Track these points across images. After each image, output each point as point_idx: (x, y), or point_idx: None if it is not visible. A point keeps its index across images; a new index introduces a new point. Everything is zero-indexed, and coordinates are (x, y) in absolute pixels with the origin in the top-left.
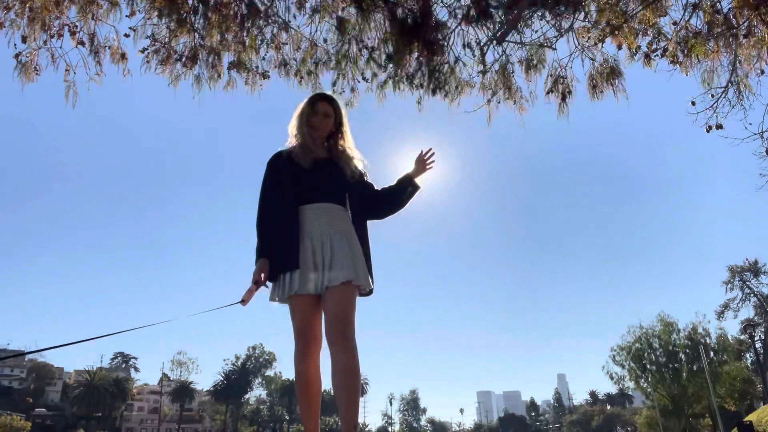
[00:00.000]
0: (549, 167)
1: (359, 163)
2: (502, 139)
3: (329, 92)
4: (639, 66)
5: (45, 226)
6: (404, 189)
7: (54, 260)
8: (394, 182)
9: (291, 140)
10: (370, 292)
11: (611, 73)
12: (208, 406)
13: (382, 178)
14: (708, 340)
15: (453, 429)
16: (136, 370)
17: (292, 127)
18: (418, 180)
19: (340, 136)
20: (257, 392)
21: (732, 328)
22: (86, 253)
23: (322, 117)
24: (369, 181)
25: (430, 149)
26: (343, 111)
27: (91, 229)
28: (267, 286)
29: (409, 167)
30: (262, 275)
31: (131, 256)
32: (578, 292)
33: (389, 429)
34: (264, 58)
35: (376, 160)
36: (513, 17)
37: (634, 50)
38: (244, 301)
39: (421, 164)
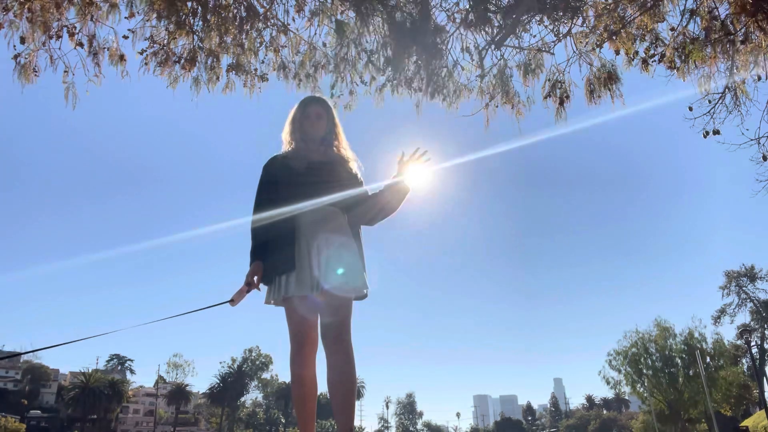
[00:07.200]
0: (546, 172)
1: (354, 164)
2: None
3: (325, 95)
4: (636, 71)
5: (42, 227)
6: (394, 193)
7: (50, 262)
8: (383, 187)
9: (285, 147)
10: (365, 295)
11: (609, 78)
12: (203, 408)
13: (379, 182)
14: (704, 345)
15: None
16: (132, 372)
17: (286, 134)
18: (407, 183)
19: (334, 138)
20: (253, 395)
21: (728, 333)
22: (83, 255)
23: (314, 119)
24: (363, 184)
25: (418, 149)
26: (335, 112)
27: (89, 231)
28: (259, 289)
29: (402, 171)
30: (255, 278)
31: (128, 259)
32: (575, 296)
33: None
34: (263, 61)
35: (374, 163)
36: (511, 22)
37: (631, 55)
38: (233, 301)
39: (407, 166)
